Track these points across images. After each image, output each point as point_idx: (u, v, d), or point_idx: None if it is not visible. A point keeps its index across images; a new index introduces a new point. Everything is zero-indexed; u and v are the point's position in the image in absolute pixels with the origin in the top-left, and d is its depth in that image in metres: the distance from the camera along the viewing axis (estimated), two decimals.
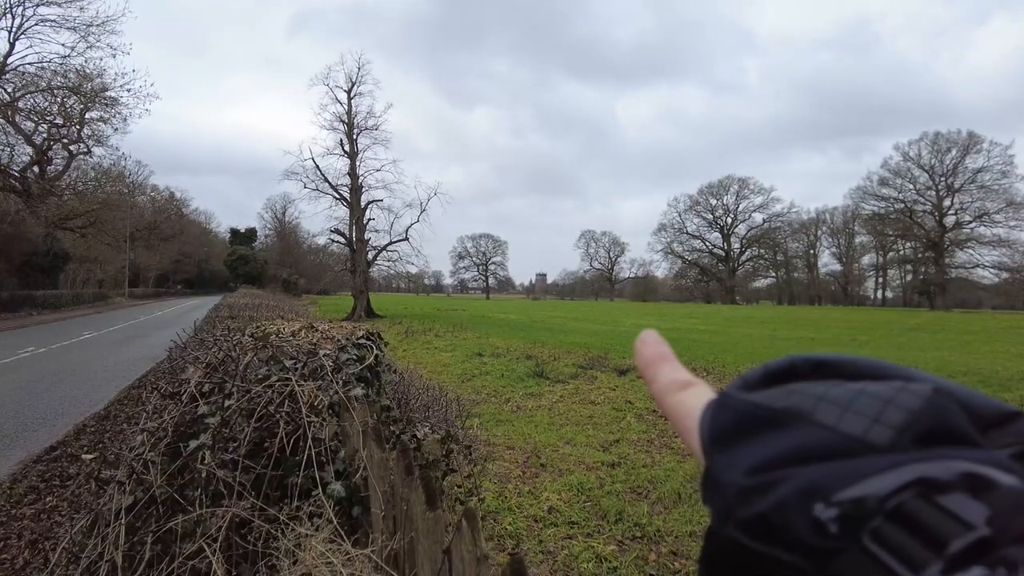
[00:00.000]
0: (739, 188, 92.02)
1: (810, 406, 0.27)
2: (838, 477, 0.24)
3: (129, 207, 51.14)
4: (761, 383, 0.31)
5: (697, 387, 0.35)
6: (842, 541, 0.23)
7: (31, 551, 3.84)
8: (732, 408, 0.30)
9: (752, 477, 0.26)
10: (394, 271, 40.55)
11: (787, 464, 0.26)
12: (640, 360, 0.39)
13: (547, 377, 10.87)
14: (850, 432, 0.26)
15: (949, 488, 0.23)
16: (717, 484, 0.28)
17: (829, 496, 0.24)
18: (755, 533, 0.26)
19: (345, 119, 34.40)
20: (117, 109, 35.65)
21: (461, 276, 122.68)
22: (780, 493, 0.25)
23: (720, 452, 0.29)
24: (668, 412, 0.35)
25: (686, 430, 0.33)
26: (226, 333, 3.46)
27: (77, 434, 6.84)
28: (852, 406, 0.27)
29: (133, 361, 12.67)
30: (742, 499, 0.26)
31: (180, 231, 73.34)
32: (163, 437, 2.07)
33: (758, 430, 0.28)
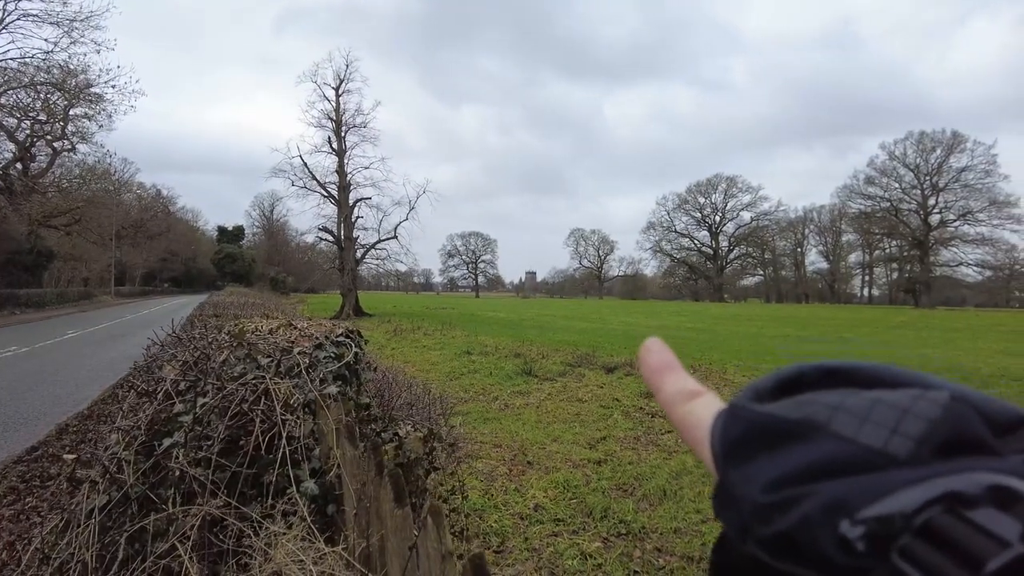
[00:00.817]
0: (727, 187, 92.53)
1: (826, 417, 0.27)
2: (862, 492, 0.24)
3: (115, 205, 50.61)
4: (772, 393, 0.30)
5: (705, 396, 0.34)
6: (870, 560, 0.23)
7: (8, 552, 3.79)
8: (744, 419, 0.29)
9: (771, 494, 0.26)
10: (383, 269, 40.45)
11: (807, 479, 0.25)
12: (645, 369, 0.38)
13: (535, 375, 10.87)
14: (870, 444, 0.25)
15: (978, 502, 0.23)
16: (733, 499, 0.28)
17: (854, 513, 0.23)
18: (777, 551, 0.25)
19: (333, 116, 34.23)
20: (102, 106, 35.22)
21: (451, 274, 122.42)
22: (803, 510, 0.24)
23: (734, 466, 0.28)
24: (676, 423, 0.34)
25: (696, 441, 0.32)
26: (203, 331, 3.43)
27: (59, 434, 6.77)
28: (870, 416, 0.26)
29: (118, 360, 12.54)
30: (761, 516, 0.26)
31: (167, 229, 72.71)
32: (137, 436, 2.05)
33: (773, 443, 0.27)
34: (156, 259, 73.26)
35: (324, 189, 34.02)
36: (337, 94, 34.42)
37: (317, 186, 33.93)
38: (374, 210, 35.42)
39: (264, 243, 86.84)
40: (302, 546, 1.50)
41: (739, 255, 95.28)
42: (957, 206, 67.58)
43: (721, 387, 9.76)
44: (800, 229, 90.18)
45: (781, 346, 16.38)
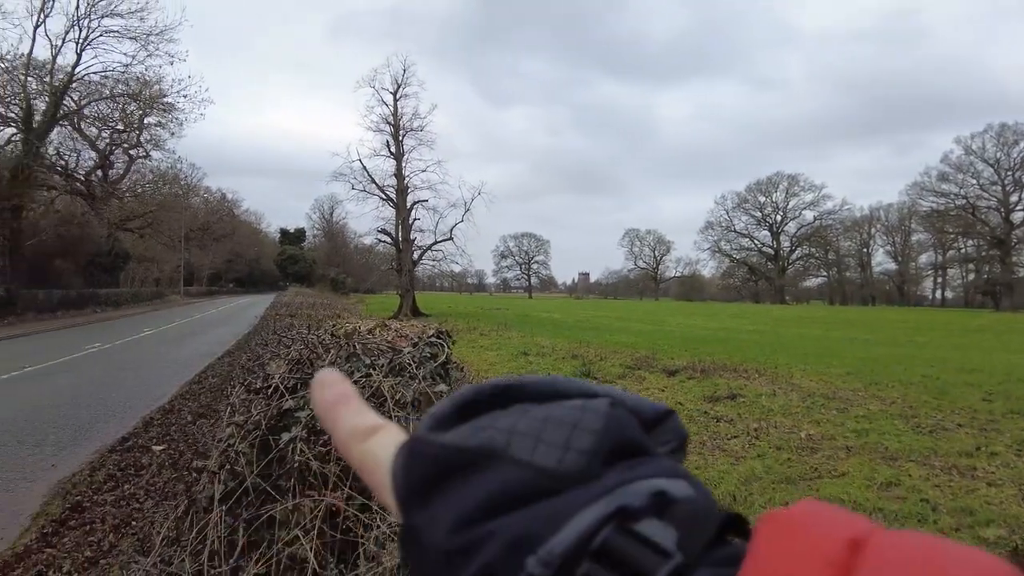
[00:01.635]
0: (788, 185, 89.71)
1: (503, 441, 0.26)
2: (542, 523, 0.23)
3: (184, 208, 52.95)
4: (453, 419, 0.28)
5: (384, 431, 0.31)
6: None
7: (116, 535, 4.08)
8: (423, 453, 0.27)
9: (455, 536, 0.24)
10: (438, 270, 41.13)
11: (490, 513, 0.24)
12: (318, 406, 0.34)
13: (594, 377, 10.84)
14: (545, 465, 0.24)
15: (642, 514, 0.23)
16: (419, 546, 0.26)
17: (538, 547, 0.22)
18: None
19: (391, 121, 34.91)
20: (174, 114, 36.99)
21: (504, 275, 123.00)
22: (487, 553, 0.23)
23: (418, 507, 0.26)
24: (354, 464, 0.31)
25: (378, 484, 0.29)
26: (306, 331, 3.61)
27: (145, 426, 7.19)
28: (543, 435, 0.25)
29: (190, 357, 13.19)
30: (449, 563, 0.24)
31: (232, 231, 75.50)
32: (252, 430, 2.19)
33: (454, 476, 0.26)
34: (222, 260, 76.23)
35: (383, 192, 34.80)
36: (395, 99, 35.11)
37: (376, 189, 34.75)
38: (430, 212, 35.98)
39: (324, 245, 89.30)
40: None
41: (801, 256, 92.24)
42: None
43: (788, 391, 9.50)
44: (866, 228, 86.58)
45: (849, 349, 15.79)
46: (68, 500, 4.82)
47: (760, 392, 9.36)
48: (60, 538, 4.14)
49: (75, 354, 13.59)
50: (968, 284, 77.05)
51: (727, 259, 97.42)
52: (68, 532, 4.23)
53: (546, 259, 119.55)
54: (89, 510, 4.62)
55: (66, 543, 4.04)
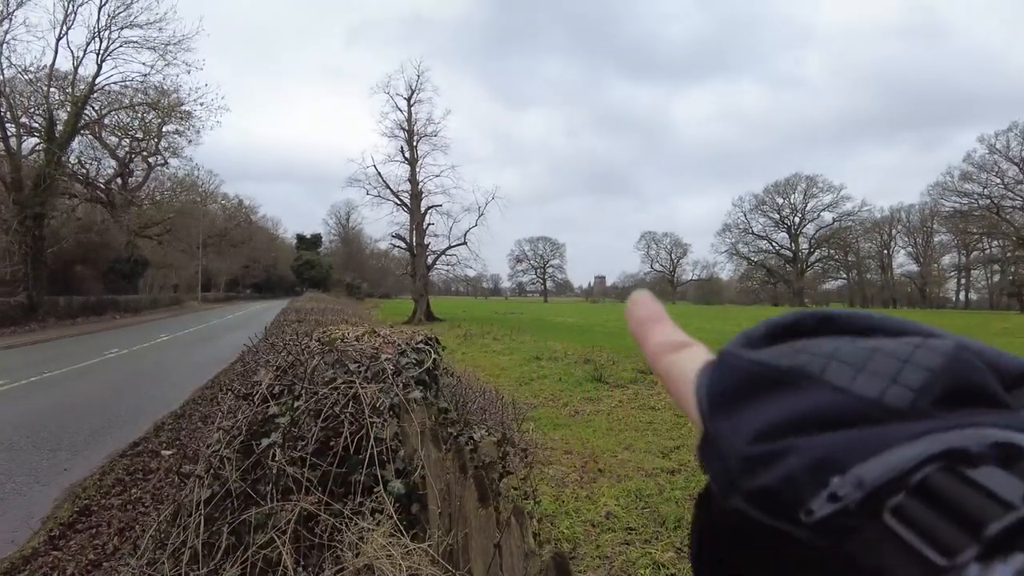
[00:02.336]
0: (807, 186, 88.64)
1: (820, 365, 0.25)
2: (856, 447, 0.22)
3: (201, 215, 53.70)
4: (765, 340, 0.28)
5: (694, 348, 0.32)
6: (860, 518, 0.21)
7: (120, 538, 4.14)
8: (733, 367, 0.27)
9: (757, 445, 0.24)
10: (453, 275, 41.24)
11: (796, 431, 0.23)
12: (631, 321, 0.36)
13: (606, 381, 10.80)
14: (865, 394, 0.23)
15: (980, 460, 0.21)
16: (718, 451, 0.25)
17: (846, 469, 0.22)
18: (762, 506, 0.23)
19: (405, 126, 35.18)
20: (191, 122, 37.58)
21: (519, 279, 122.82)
22: (790, 465, 0.23)
23: (721, 416, 0.26)
24: (661, 375, 0.32)
25: (680, 394, 0.30)
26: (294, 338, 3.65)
27: (156, 431, 7.27)
28: (867, 365, 0.24)
29: (206, 363, 13.33)
30: (746, 469, 0.24)
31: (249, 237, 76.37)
32: (237, 435, 2.21)
33: (763, 391, 0.25)
34: (239, 266, 76.99)
35: (397, 197, 35.03)
36: (409, 104, 35.37)
37: (390, 194, 35.01)
38: (445, 217, 36.18)
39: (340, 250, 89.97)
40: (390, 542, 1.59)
41: (820, 257, 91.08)
42: None
43: None
44: (887, 230, 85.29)
45: None
46: (77, 504, 4.89)
47: None
48: (67, 541, 4.21)
49: (93, 359, 13.81)
50: (993, 286, 75.60)
51: (745, 262, 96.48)
52: (75, 535, 4.30)
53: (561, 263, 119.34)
54: (96, 514, 4.69)
55: (72, 546, 4.11)
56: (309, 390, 2.30)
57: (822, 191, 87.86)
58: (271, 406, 2.28)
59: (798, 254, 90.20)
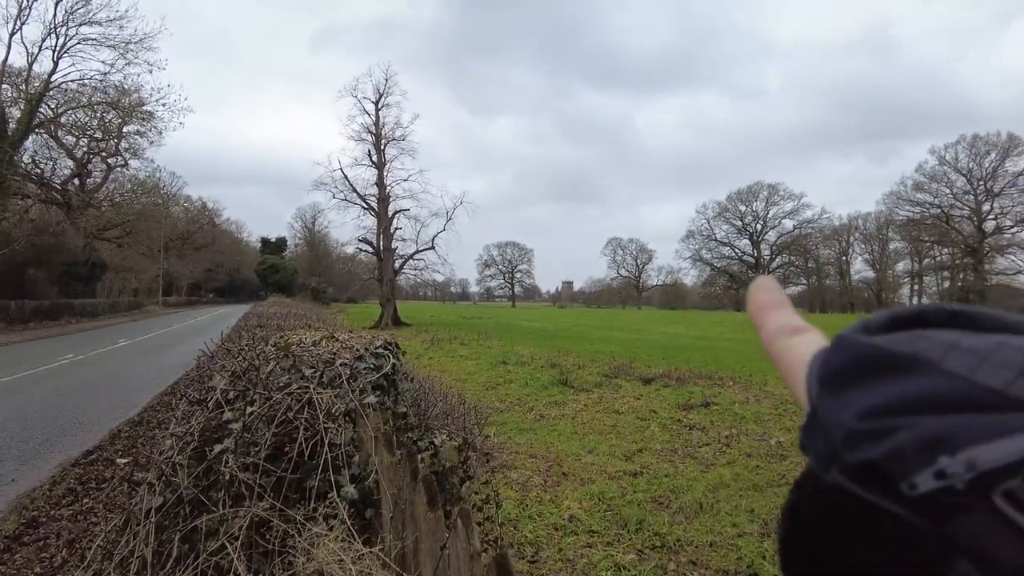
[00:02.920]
0: (769, 194, 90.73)
1: (940, 353, 0.24)
2: (972, 431, 0.22)
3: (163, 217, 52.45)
4: (885, 328, 0.28)
5: (810, 333, 0.33)
6: (968, 498, 0.21)
7: (68, 550, 4.01)
8: (849, 349, 0.27)
9: (865, 421, 0.24)
10: (421, 279, 41.01)
11: (908, 411, 0.23)
12: (752, 305, 0.37)
13: (571, 386, 10.87)
14: (988, 384, 0.23)
15: None
16: (822, 427, 0.26)
17: (958, 450, 0.22)
18: (863, 479, 0.23)
19: (373, 130, 34.99)
20: (153, 123, 36.80)
21: (487, 284, 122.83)
22: (898, 440, 0.23)
23: (830, 394, 0.26)
24: (775, 357, 0.33)
25: (792, 376, 0.30)
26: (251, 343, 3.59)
27: (112, 439, 7.07)
28: (992, 357, 0.23)
29: (167, 368, 13.01)
30: (851, 442, 0.24)
31: (212, 240, 74.85)
32: (190, 441, 2.17)
33: (876, 373, 0.25)
34: (202, 270, 75.40)
35: (364, 201, 34.78)
36: (377, 108, 35.21)
37: (357, 198, 34.74)
38: (412, 221, 36.08)
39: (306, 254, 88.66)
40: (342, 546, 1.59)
41: (782, 264, 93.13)
42: (1014, 212, 64.76)
43: (761, 399, 9.61)
44: (845, 237, 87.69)
45: None
46: (24, 516, 4.72)
47: (734, 400, 9.45)
48: (12, 555, 4.05)
49: (46, 366, 13.35)
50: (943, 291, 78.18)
51: (708, 267, 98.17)
52: (21, 548, 4.15)
53: (529, 268, 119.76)
54: (45, 525, 4.54)
55: (17, 560, 3.96)
56: (263, 395, 2.27)
57: (783, 199, 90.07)
58: (225, 412, 2.25)
59: (760, 260, 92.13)
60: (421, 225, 35.98)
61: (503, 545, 3.90)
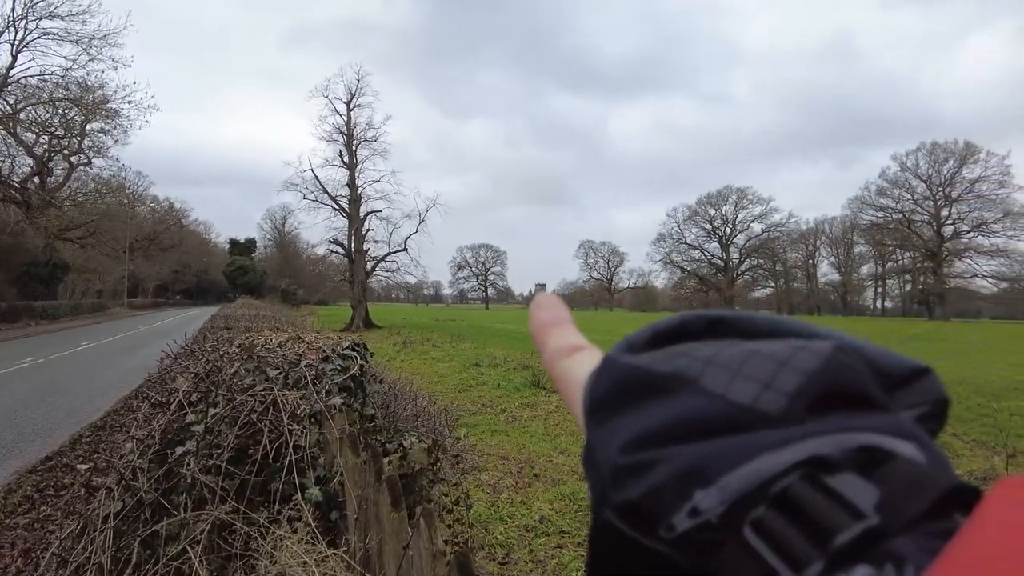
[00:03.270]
0: (738, 198, 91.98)
1: (697, 370, 0.24)
2: (722, 457, 0.21)
3: (129, 218, 51.31)
4: (648, 344, 0.27)
5: (586, 351, 0.32)
6: (722, 533, 0.20)
7: (24, 560, 3.88)
8: (612, 372, 0.26)
9: (627, 455, 0.23)
10: (393, 281, 40.75)
11: (667, 439, 0.22)
12: (533, 324, 0.35)
13: (544, 387, 10.89)
14: (738, 400, 0.22)
15: (840, 467, 0.20)
16: (593, 461, 0.25)
17: (713, 480, 0.21)
18: (628, 520, 0.22)
19: (344, 130, 34.67)
20: (118, 121, 35.99)
21: (460, 286, 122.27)
22: (655, 477, 0.22)
23: (597, 424, 0.26)
24: (556, 380, 0.32)
25: (572, 399, 0.29)
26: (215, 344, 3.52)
27: (72, 444, 6.88)
28: (743, 369, 0.23)
29: (131, 372, 12.68)
30: (616, 481, 0.23)
31: (180, 241, 73.55)
32: (151, 445, 2.12)
33: (638, 398, 0.24)
34: (168, 271, 73.98)
35: (335, 202, 34.42)
36: (348, 108, 34.89)
37: (328, 199, 34.36)
38: (384, 223, 35.80)
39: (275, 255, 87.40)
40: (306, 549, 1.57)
41: (750, 267, 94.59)
42: (971, 217, 66.86)
43: None
44: (811, 241, 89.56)
45: None
46: None
47: None
48: None
49: (4, 370, 12.93)
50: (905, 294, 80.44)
51: (678, 270, 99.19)
52: None
53: (503, 270, 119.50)
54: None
55: None
56: (226, 397, 2.23)
57: (752, 203, 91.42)
58: (188, 414, 2.20)
59: (729, 263, 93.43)
60: (393, 227, 35.78)
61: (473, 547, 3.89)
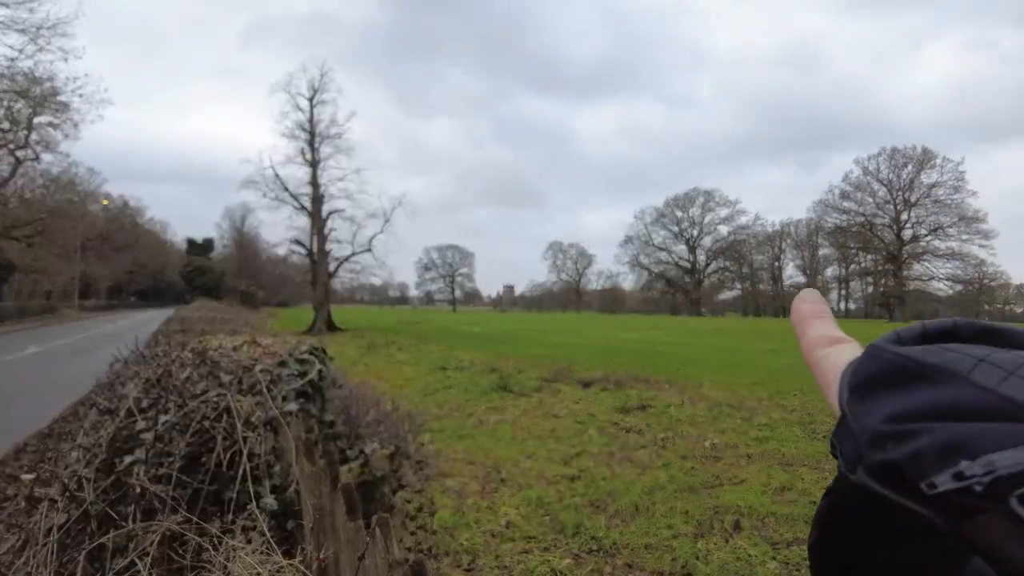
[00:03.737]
0: (705, 200, 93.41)
1: (968, 365, 0.25)
2: (994, 437, 0.23)
3: (80, 216, 49.56)
4: (916, 340, 0.30)
5: (848, 344, 0.35)
6: (985, 500, 0.22)
7: None
8: (880, 358, 0.29)
9: (890, 424, 0.25)
10: (357, 282, 40.31)
11: (933, 417, 0.24)
12: (795, 315, 0.39)
13: (511, 390, 10.86)
14: (1012, 396, 0.24)
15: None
16: (850, 430, 0.27)
17: (979, 454, 0.22)
18: (885, 478, 0.25)
19: (307, 127, 34.13)
20: (68, 114, 34.63)
21: (427, 288, 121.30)
22: (921, 443, 0.24)
23: (859, 400, 0.28)
24: (812, 366, 0.35)
25: (827, 383, 0.32)
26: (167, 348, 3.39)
27: (16, 453, 6.58)
28: (1018, 371, 0.24)
29: (81, 377, 12.18)
30: (876, 443, 0.25)
31: (134, 241, 71.56)
32: (98, 453, 2.01)
33: (904, 382, 0.27)
34: (123, 272, 71.89)
35: (296, 201, 33.84)
36: (311, 104, 34.37)
37: (289, 197, 33.75)
38: (348, 222, 35.34)
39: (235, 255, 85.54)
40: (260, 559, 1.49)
41: (717, 269, 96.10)
42: (928, 221, 69.24)
43: (697, 401, 9.82)
44: (777, 243, 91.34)
45: (757, 359, 16.49)
46: None
47: (669, 403, 9.61)
48: None
49: None
50: (868, 296, 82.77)
51: (646, 272, 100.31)
52: None
53: (471, 271, 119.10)
54: None
55: None
56: (177, 403, 2.13)
57: (719, 205, 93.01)
58: (138, 421, 2.09)
59: (696, 265, 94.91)
60: (358, 226, 35.33)
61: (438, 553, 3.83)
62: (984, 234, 65.97)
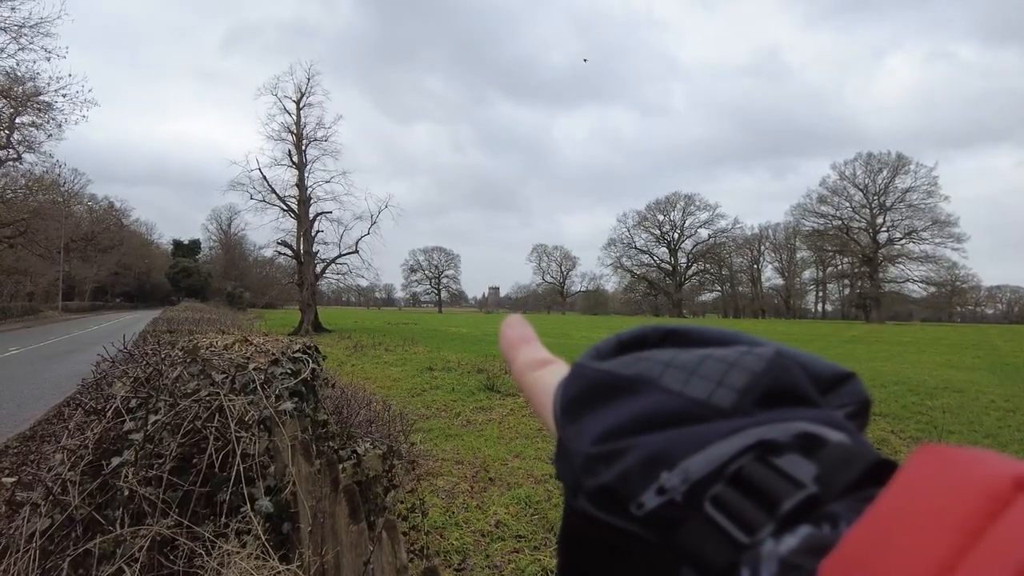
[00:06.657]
0: (685, 204, 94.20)
1: (658, 372, 0.27)
2: (683, 444, 0.24)
3: (64, 216, 48.92)
4: (614, 352, 0.31)
5: (555, 365, 0.35)
6: (686, 510, 0.23)
7: None
8: (583, 376, 0.30)
9: (598, 445, 0.26)
10: (344, 284, 40.01)
11: (633, 431, 0.25)
12: (503, 343, 0.39)
13: (498, 390, 10.84)
14: (695, 396, 0.26)
15: (784, 449, 0.23)
16: (566, 455, 0.28)
17: (675, 463, 0.24)
18: (602, 504, 0.25)
19: (294, 129, 33.84)
20: (51, 114, 34.11)
21: (413, 290, 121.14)
22: (625, 462, 0.25)
23: (570, 422, 0.29)
24: (526, 391, 0.35)
25: (542, 406, 0.32)
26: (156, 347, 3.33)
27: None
28: (698, 370, 0.27)
29: (65, 378, 12.05)
30: (588, 469, 0.26)
31: (120, 242, 70.70)
32: (84, 455, 1.97)
33: (607, 398, 0.28)
34: (108, 273, 71.01)
35: (283, 203, 33.52)
36: (298, 107, 34.08)
37: (276, 199, 33.40)
38: (335, 224, 35.04)
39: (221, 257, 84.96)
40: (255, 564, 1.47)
41: (697, 271, 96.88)
42: (903, 225, 70.55)
43: None
44: (756, 246, 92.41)
45: None
46: None
47: None
48: None
49: None
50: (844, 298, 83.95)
51: (628, 274, 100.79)
52: None
53: (456, 273, 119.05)
54: None
55: None
56: (168, 403, 2.09)
57: (699, 209, 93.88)
58: (126, 421, 2.05)
59: (677, 268, 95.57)
60: (344, 228, 35.07)
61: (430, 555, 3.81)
62: (956, 237, 67.65)
